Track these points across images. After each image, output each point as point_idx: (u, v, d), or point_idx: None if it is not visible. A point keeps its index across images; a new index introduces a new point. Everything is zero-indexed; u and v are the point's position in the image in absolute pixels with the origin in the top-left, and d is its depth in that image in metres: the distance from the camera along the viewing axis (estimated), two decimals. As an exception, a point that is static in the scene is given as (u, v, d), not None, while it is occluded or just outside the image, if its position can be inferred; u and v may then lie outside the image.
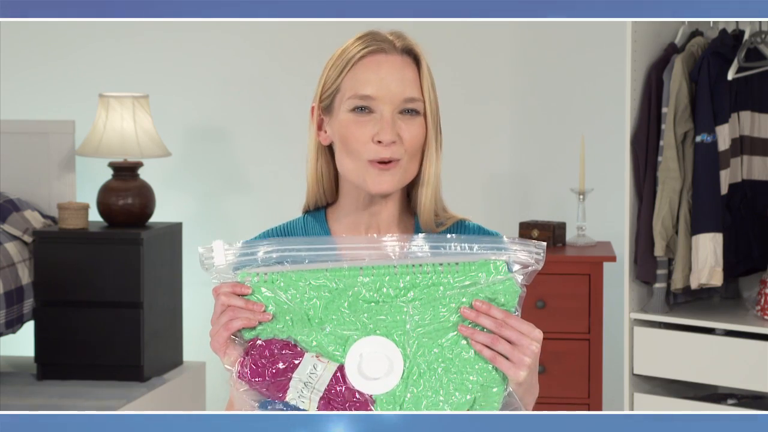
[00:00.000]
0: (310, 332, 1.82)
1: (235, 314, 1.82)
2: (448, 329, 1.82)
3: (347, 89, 1.97)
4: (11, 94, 5.38)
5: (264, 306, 1.82)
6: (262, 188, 5.28)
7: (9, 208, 4.81)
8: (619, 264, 4.49)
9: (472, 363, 1.82)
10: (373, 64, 1.97)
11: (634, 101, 4.29)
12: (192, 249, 5.15)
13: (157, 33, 5.29)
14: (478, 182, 5.12)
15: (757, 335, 4.13)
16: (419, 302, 1.82)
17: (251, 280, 1.83)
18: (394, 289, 1.82)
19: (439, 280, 1.82)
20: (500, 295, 1.82)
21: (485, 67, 5.12)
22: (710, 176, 4.12)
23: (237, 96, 5.28)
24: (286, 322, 1.82)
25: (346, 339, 1.81)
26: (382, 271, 1.82)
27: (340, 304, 1.82)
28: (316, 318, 1.82)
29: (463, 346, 1.82)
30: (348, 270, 1.82)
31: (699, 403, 4.26)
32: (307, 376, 1.80)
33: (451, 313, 1.82)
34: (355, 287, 1.82)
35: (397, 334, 1.81)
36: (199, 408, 4.96)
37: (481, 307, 1.81)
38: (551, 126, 5.08)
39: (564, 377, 4.42)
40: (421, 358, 1.81)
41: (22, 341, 5.13)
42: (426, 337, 1.81)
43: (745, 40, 4.16)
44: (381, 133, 1.95)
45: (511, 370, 1.81)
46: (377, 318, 1.81)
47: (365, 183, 1.97)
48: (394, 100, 1.96)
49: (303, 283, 1.82)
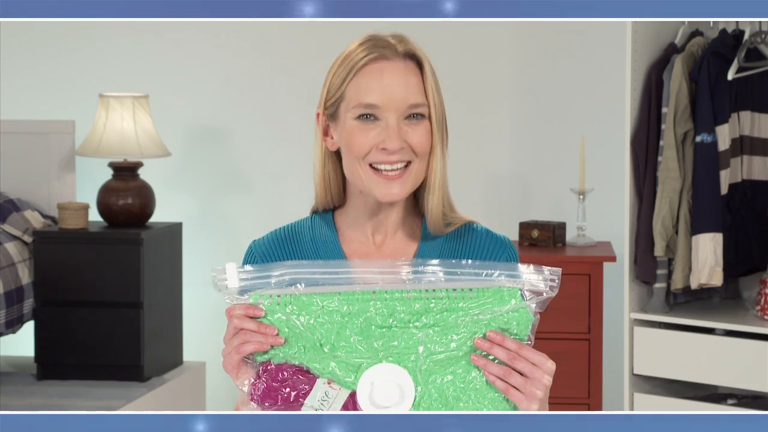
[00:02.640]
0: (322, 359, 1.81)
1: (247, 338, 1.82)
2: (460, 357, 1.81)
3: (352, 97, 1.97)
4: (11, 94, 5.38)
5: (276, 329, 1.82)
6: (262, 188, 5.27)
7: (9, 208, 4.81)
8: (619, 264, 4.49)
9: (483, 393, 1.82)
10: (376, 72, 1.97)
11: (634, 101, 4.29)
12: (192, 249, 5.15)
13: (157, 33, 5.29)
14: (478, 182, 5.12)
15: (757, 335, 4.13)
16: (431, 329, 1.81)
17: (264, 302, 1.83)
18: (406, 314, 1.81)
19: (452, 305, 1.81)
20: (513, 324, 1.82)
21: (485, 67, 5.12)
22: (710, 176, 4.12)
23: (237, 96, 5.27)
24: (299, 348, 1.82)
25: (358, 366, 1.81)
26: (394, 295, 1.81)
27: (352, 330, 1.81)
28: (328, 344, 1.81)
29: (474, 375, 1.82)
30: (360, 294, 1.82)
31: (699, 403, 4.26)
32: (319, 403, 1.80)
33: (463, 341, 1.81)
34: (367, 312, 1.81)
35: (408, 361, 1.81)
36: (199, 408, 4.96)
37: (495, 338, 1.81)
38: (551, 126, 5.08)
39: (564, 377, 4.42)
40: (432, 385, 1.81)
41: (22, 341, 5.13)
42: (438, 365, 1.81)
43: (745, 40, 4.16)
44: (387, 141, 1.95)
45: (524, 402, 1.82)
46: (389, 344, 1.81)
47: (373, 191, 1.97)
48: (398, 107, 1.96)
49: (315, 306, 1.82)
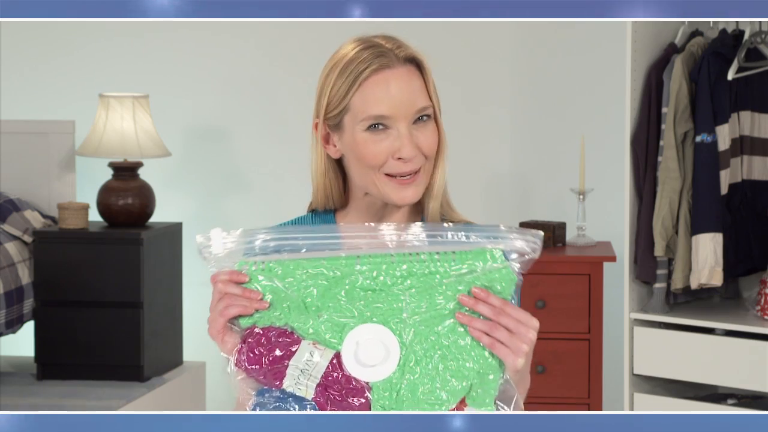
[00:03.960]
0: (307, 320, 1.82)
1: (232, 302, 1.83)
2: (444, 316, 1.82)
3: (359, 110, 1.97)
4: (11, 94, 5.38)
5: (261, 294, 1.83)
6: (262, 188, 5.28)
7: (9, 208, 4.81)
8: (619, 264, 4.49)
9: (468, 350, 1.82)
10: (382, 83, 1.96)
11: (634, 101, 4.29)
12: (192, 249, 5.15)
13: (157, 33, 5.29)
14: (478, 182, 5.12)
15: (757, 335, 4.14)
16: (416, 290, 1.82)
17: (249, 268, 1.83)
18: (391, 278, 1.82)
19: (436, 268, 1.83)
20: (497, 283, 1.83)
21: (485, 67, 5.12)
22: (710, 176, 4.13)
23: (237, 96, 5.28)
24: (283, 310, 1.83)
25: (343, 326, 1.82)
26: (378, 259, 1.83)
27: (337, 292, 1.82)
28: (313, 306, 1.82)
29: (459, 333, 1.82)
30: (345, 258, 1.83)
31: (699, 403, 4.26)
32: (304, 364, 1.81)
33: (447, 300, 1.82)
34: (352, 275, 1.82)
35: (393, 322, 1.82)
36: (199, 408, 4.96)
37: (480, 294, 1.82)
38: (551, 126, 5.08)
39: (564, 377, 4.42)
40: (417, 345, 1.82)
41: (22, 341, 5.13)
42: (423, 325, 1.82)
43: (745, 40, 4.16)
44: (402, 150, 1.96)
45: (509, 357, 1.81)
46: (374, 306, 1.82)
47: (390, 197, 1.98)
48: (407, 114, 1.96)
49: (300, 271, 1.83)
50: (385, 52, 1.98)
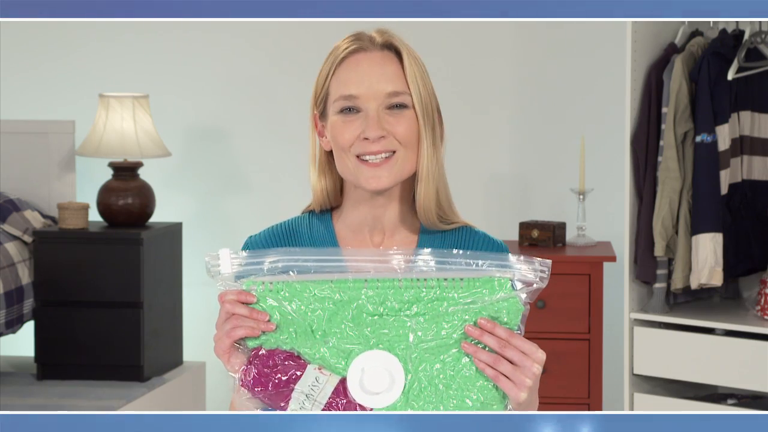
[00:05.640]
0: (313, 345, 1.82)
1: (239, 323, 1.82)
2: (450, 345, 1.82)
3: (333, 92, 1.99)
4: (11, 94, 5.38)
5: (268, 315, 1.82)
6: (262, 188, 5.28)
7: (9, 208, 4.81)
8: (619, 264, 4.49)
9: (473, 380, 1.82)
10: (353, 63, 1.98)
11: (634, 101, 4.29)
12: (192, 249, 5.15)
13: (157, 33, 5.29)
14: (478, 182, 5.12)
15: (757, 335, 4.13)
16: (422, 318, 1.82)
17: (256, 288, 1.83)
18: (398, 303, 1.82)
19: (443, 295, 1.82)
20: (503, 314, 1.83)
21: (485, 67, 5.12)
22: (710, 176, 4.12)
23: (237, 96, 5.28)
24: (290, 334, 1.82)
25: (349, 352, 1.81)
26: (386, 284, 1.82)
27: (343, 317, 1.82)
28: (320, 331, 1.82)
29: (464, 363, 1.82)
30: (353, 282, 1.82)
31: (699, 403, 4.26)
32: (309, 388, 1.80)
33: (453, 329, 1.82)
34: (359, 300, 1.82)
35: (399, 349, 1.81)
36: (199, 408, 4.96)
37: (486, 326, 1.82)
38: (551, 126, 5.08)
39: (564, 377, 4.42)
40: (422, 373, 1.81)
41: (22, 341, 5.13)
42: (428, 353, 1.82)
43: (745, 40, 4.16)
44: (367, 130, 1.96)
45: (513, 390, 1.82)
46: (380, 332, 1.82)
47: (359, 181, 1.98)
48: (377, 96, 1.97)
49: (307, 293, 1.82)
50: (363, 38, 2.01)
